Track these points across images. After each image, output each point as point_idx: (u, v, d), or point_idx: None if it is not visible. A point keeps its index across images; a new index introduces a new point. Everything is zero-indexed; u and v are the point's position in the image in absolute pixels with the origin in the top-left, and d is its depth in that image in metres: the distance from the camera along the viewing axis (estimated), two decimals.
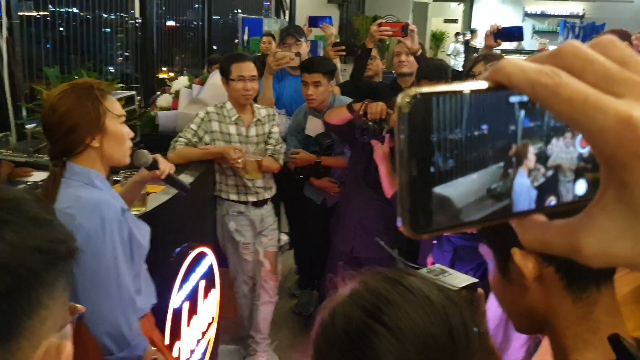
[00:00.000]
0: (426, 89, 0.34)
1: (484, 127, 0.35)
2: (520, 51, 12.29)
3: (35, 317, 0.66)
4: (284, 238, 5.08)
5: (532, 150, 0.37)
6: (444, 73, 3.35)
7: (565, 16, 15.55)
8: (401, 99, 0.34)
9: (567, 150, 0.38)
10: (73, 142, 1.85)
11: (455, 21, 17.38)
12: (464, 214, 0.36)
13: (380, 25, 3.69)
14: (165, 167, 2.19)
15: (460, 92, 0.35)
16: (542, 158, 0.37)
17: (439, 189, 0.35)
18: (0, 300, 0.63)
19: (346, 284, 0.97)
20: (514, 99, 0.36)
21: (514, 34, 3.52)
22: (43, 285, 0.67)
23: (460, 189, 0.35)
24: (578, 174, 0.38)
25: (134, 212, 2.30)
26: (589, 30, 14.50)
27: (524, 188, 0.37)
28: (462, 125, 0.35)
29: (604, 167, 0.34)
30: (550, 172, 0.38)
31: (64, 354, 0.69)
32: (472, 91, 0.35)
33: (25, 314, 0.65)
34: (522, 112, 0.36)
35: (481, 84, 0.35)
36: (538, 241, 0.37)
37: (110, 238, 1.81)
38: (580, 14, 15.40)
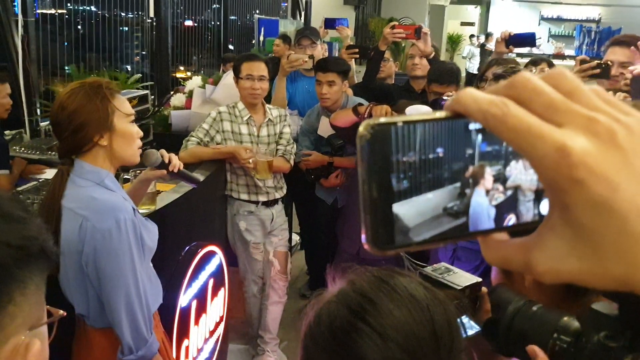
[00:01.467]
0: (385, 119, 0.37)
1: (441, 150, 0.38)
2: (530, 55, 12.17)
3: (4, 312, 0.65)
4: (296, 238, 5.09)
5: (489, 171, 0.39)
6: (455, 77, 3.34)
7: (582, 20, 15.42)
8: (362, 128, 0.37)
9: (526, 171, 0.40)
10: (81, 140, 1.87)
11: (471, 24, 17.31)
12: (424, 232, 0.38)
13: (393, 27, 3.69)
14: (175, 161, 2.20)
15: (418, 121, 0.37)
16: (500, 179, 0.39)
17: (399, 209, 0.37)
18: None
19: (334, 284, 0.97)
20: (472, 126, 0.38)
21: (526, 40, 3.50)
22: (13, 281, 0.66)
23: (419, 209, 0.38)
24: (538, 193, 0.40)
25: (143, 211, 2.31)
26: (605, 35, 14.37)
27: (482, 207, 0.39)
28: (420, 150, 0.37)
29: (548, 191, 0.36)
30: (509, 192, 0.40)
31: (31, 352, 0.68)
32: (429, 120, 0.38)
33: None
34: (480, 137, 0.39)
35: (439, 114, 0.38)
36: (498, 258, 0.40)
37: (126, 238, 1.83)
38: (597, 18, 15.26)
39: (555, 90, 0.36)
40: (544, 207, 0.40)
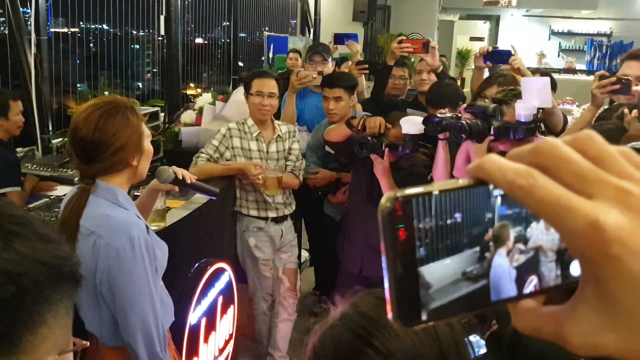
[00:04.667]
0: (407, 191, 0.36)
1: (461, 216, 0.37)
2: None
3: (37, 333, 0.66)
4: (305, 255, 5.07)
5: (509, 233, 0.38)
6: (449, 99, 3.30)
7: (592, 35, 15.37)
8: (384, 200, 0.36)
9: (547, 232, 0.38)
10: (118, 162, 1.87)
11: (481, 39, 17.30)
12: (450, 303, 0.37)
13: (400, 42, 3.69)
14: (186, 174, 2.20)
15: (441, 191, 0.36)
16: (521, 240, 0.38)
17: (425, 284, 0.36)
18: (2, 308, 0.64)
19: (338, 306, 0.96)
20: (495, 192, 0.37)
21: (502, 56, 3.57)
22: (46, 303, 0.67)
23: (445, 280, 0.36)
24: (559, 254, 0.39)
25: (153, 228, 2.32)
26: (616, 49, 14.31)
27: (503, 269, 0.38)
28: (445, 220, 0.36)
29: (581, 263, 0.35)
30: (531, 253, 0.38)
31: None
32: (452, 189, 0.37)
33: (27, 328, 0.65)
34: (499, 200, 0.38)
35: (462, 182, 0.37)
36: (529, 327, 0.38)
37: (140, 256, 1.83)
38: (608, 32, 15.20)
39: (584, 157, 0.35)
40: (571, 268, 0.39)
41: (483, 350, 1.06)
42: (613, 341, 0.34)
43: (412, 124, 2.74)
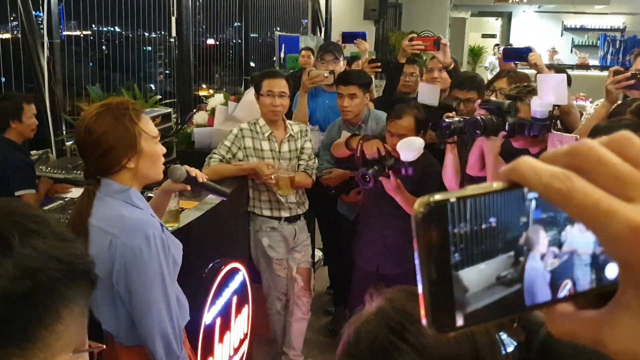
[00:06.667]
0: (440, 195, 0.36)
1: (496, 220, 0.36)
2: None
3: (52, 329, 0.67)
4: (318, 254, 5.07)
5: (544, 236, 0.37)
6: (476, 84, 3.34)
7: (606, 30, 15.25)
8: (417, 206, 0.35)
9: (581, 235, 0.38)
10: (108, 163, 1.87)
11: (493, 36, 17.24)
12: (485, 309, 0.36)
13: (411, 40, 3.68)
14: (198, 174, 2.21)
15: (474, 195, 0.36)
16: (555, 244, 0.38)
17: (459, 290, 0.36)
18: (18, 303, 0.65)
19: (373, 301, 0.96)
20: (531, 195, 0.37)
21: (522, 55, 3.57)
22: (61, 299, 0.68)
23: (480, 285, 0.36)
24: (594, 257, 0.38)
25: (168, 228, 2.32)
26: (630, 44, 14.17)
27: (537, 272, 0.37)
28: (480, 225, 0.36)
29: (621, 268, 0.34)
30: (565, 257, 0.38)
31: None
32: (486, 193, 0.36)
33: (42, 323, 0.66)
34: (534, 203, 0.37)
35: (496, 185, 0.37)
36: (565, 332, 0.38)
37: (155, 254, 1.84)
38: (621, 27, 15.07)
39: (622, 159, 0.34)
40: (606, 271, 0.38)
41: (511, 348, 1.05)
42: None
43: (408, 150, 2.75)
